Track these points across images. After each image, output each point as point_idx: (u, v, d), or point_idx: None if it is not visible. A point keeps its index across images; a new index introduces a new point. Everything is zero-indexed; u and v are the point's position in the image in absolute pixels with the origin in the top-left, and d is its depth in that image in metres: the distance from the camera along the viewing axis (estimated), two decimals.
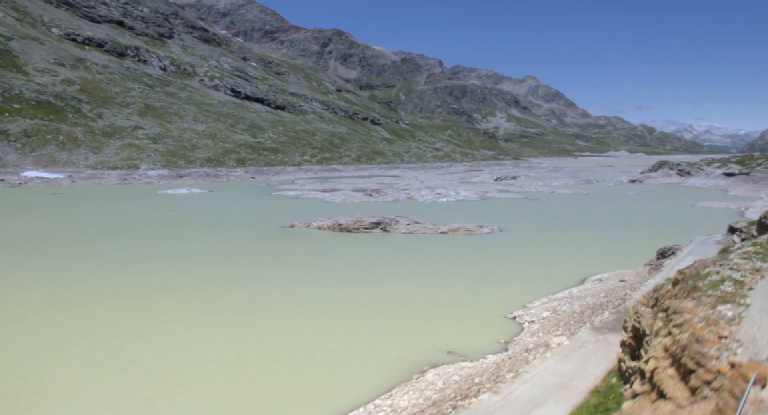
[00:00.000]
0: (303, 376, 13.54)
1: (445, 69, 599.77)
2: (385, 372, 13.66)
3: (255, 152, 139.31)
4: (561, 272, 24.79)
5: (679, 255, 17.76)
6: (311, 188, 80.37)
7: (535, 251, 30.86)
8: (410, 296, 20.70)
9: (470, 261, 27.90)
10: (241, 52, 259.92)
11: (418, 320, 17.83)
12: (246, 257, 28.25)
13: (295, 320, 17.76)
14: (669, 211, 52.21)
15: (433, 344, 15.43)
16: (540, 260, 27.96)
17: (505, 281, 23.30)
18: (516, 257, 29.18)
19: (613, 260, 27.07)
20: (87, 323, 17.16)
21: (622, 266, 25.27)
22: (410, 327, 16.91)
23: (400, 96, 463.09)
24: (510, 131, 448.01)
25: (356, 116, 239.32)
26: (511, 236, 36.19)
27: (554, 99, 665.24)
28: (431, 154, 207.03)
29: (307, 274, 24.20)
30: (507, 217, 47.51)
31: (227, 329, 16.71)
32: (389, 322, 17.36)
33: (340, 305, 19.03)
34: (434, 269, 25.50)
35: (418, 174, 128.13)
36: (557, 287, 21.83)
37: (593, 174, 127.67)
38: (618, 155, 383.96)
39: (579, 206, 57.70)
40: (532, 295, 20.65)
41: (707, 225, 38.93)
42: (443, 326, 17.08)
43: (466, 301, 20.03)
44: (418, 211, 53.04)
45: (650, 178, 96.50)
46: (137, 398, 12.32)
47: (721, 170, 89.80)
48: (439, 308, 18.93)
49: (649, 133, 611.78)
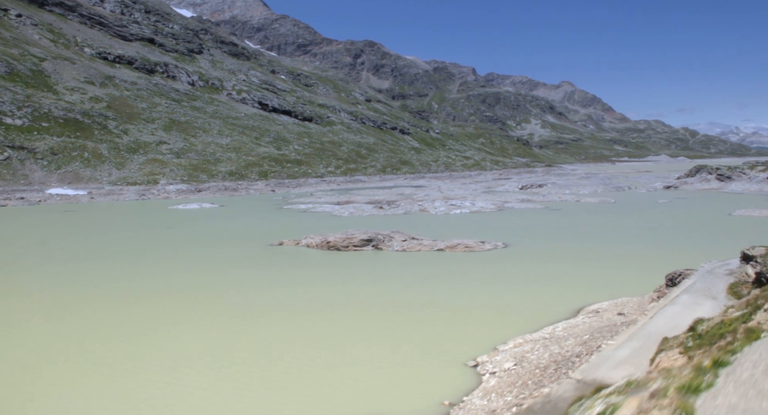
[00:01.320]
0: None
1: (478, 77, 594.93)
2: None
3: (278, 165, 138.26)
4: (555, 300, 21.17)
5: (673, 292, 14.01)
6: (326, 201, 77.91)
7: (535, 271, 27.19)
8: (364, 336, 17.52)
9: (454, 285, 24.47)
10: (270, 66, 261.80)
11: (357, 368, 14.62)
12: (210, 285, 25.49)
13: (217, 371, 14.83)
14: (701, 221, 47.38)
15: (360, 405, 12.21)
16: (536, 283, 24.34)
17: (484, 311, 19.87)
18: (510, 278, 25.62)
19: (623, 284, 23.33)
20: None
21: (632, 290, 21.53)
22: (344, 380, 13.72)
23: (433, 105, 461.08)
24: (545, 138, 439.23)
25: (385, 126, 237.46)
26: (513, 254, 32.54)
27: (591, 104, 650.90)
28: (461, 162, 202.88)
29: (254, 311, 21.27)
30: (518, 230, 43.75)
31: (158, 377, 13.88)
32: (323, 378, 14.17)
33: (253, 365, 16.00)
34: (406, 297, 22.18)
35: (443, 184, 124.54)
36: (543, 320, 18.27)
37: (627, 180, 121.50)
38: (658, 160, 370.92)
39: (601, 217, 53.30)
40: (509, 331, 17.18)
41: (741, 238, 34.40)
42: (382, 377, 13.81)
43: (427, 340, 16.69)
44: (427, 224, 49.83)
45: (687, 183, 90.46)
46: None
47: (766, 174, 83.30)
48: (390, 352, 15.64)
49: (691, 136, 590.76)
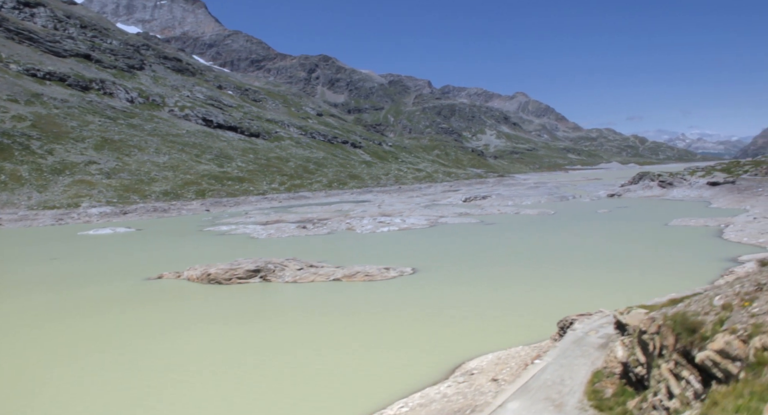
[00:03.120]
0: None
1: (434, 89, 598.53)
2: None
3: (218, 183, 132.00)
4: (431, 354, 17.02)
5: (498, 398, 9.77)
6: (254, 221, 72.86)
7: (429, 308, 22.98)
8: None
9: (321, 334, 19.95)
10: (217, 81, 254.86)
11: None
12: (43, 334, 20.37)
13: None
14: (635, 234, 44.43)
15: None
16: (421, 327, 20.12)
17: (330, 382, 15.34)
18: (393, 321, 21.28)
19: (521, 325, 19.25)
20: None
21: (529, 332, 17.45)
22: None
23: (389, 118, 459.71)
24: (500, 148, 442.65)
25: (336, 140, 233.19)
26: (416, 283, 28.35)
27: (545, 114, 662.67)
28: (412, 175, 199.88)
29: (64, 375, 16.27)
30: (436, 251, 39.85)
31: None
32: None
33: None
34: (236, 361, 17.54)
35: (388, 198, 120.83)
36: (399, 389, 13.87)
37: (575, 189, 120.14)
38: (609, 167, 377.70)
39: (533, 232, 49.96)
40: (342, 410, 12.68)
41: (671, 255, 31.17)
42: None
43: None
44: (347, 245, 45.60)
45: (630, 191, 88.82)
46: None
47: (705, 180, 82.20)
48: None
49: (641, 143, 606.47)
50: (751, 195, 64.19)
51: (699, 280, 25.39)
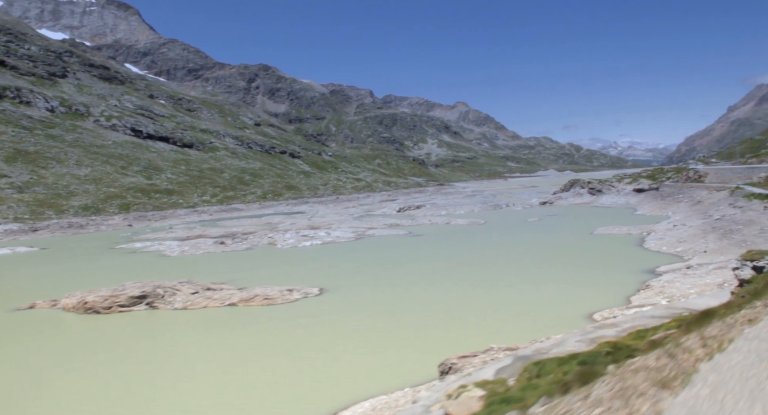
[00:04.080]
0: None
1: (376, 99, 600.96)
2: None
3: (145, 196, 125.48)
4: (297, 405, 14.32)
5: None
6: (174, 236, 68.49)
7: (317, 340, 20.47)
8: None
9: (155, 382, 17.05)
10: (149, 90, 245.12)
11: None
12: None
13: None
14: (559, 244, 43.51)
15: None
16: (298, 368, 17.47)
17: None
18: (270, 362, 18.60)
19: (416, 359, 17.06)
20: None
21: (421, 372, 15.24)
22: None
23: (331, 128, 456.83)
24: (441, 157, 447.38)
25: (274, 150, 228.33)
26: (318, 307, 25.80)
27: (485, 123, 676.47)
28: (351, 185, 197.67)
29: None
30: (352, 268, 37.49)
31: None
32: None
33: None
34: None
35: (323, 209, 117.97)
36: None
37: (510, 197, 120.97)
38: (546, 174, 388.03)
39: (459, 244, 48.42)
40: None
41: (592, 270, 29.94)
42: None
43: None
44: (263, 262, 42.71)
45: (561, 198, 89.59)
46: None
47: (632, 186, 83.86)
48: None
49: (576, 151, 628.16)
50: (672, 201, 65.28)
51: (616, 296, 24.06)
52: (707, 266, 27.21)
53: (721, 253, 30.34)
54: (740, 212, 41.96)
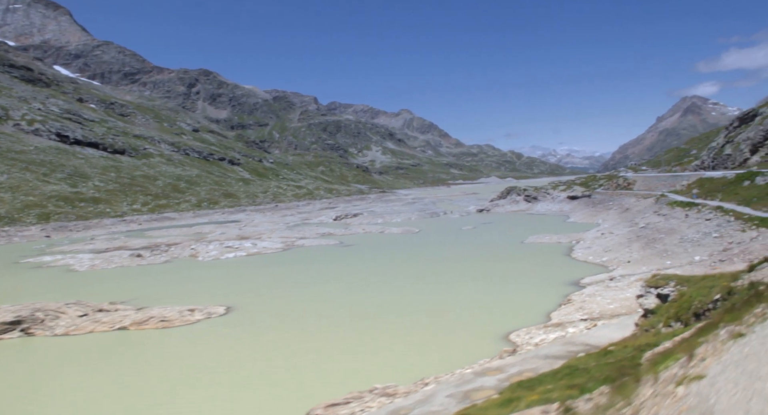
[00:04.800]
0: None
1: (320, 106, 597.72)
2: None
3: (69, 205, 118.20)
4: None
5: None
6: (92, 248, 63.98)
7: (204, 372, 18.13)
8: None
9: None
10: (77, 93, 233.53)
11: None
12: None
13: None
14: (489, 255, 42.67)
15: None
16: (169, 405, 15.14)
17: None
18: (146, 395, 16.17)
19: (303, 397, 15.07)
20: None
21: None
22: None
23: (274, 134, 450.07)
24: (386, 164, 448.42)
25: (212, 157, 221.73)
26: (221, 329, 23.55)
27: (429, 130, 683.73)
28: (292, 192, 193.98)
29: None
30: (272, 281, 35.30)
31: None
32: None
33: None
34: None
35: (260, 217, 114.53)
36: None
37: (449, 204, 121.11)
38: (488, 181, 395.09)
39: (388, 255, 46.91)
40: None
41: (517, 283, 28.88)
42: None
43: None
44: (177, 277, 39.82)
45: (498, 206, 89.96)
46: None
47: (566, 194, 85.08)
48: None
49: (517, 158, 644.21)
50: (603, 209, 66.18)
51: (538, 312, 22.93)
52: (629, 278, 26.62)
53: (643, 263, 29.97)
54: (664, 219, 42.31)
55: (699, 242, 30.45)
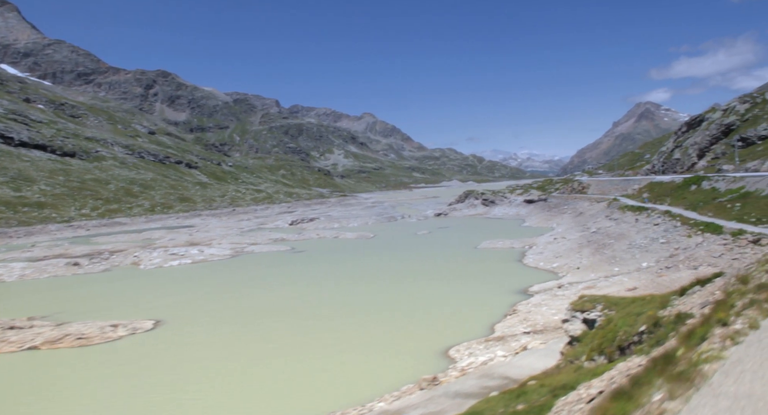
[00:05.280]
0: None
1: (282, 109, 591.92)
2: None
3: (10, 209, 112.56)
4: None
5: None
6: (28, 256, 60.73)
7: (118, 397, 16.44)
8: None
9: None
10: (24, 93, 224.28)
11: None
12: None
13: None
14: (441, 261, 41.87)
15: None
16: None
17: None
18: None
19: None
20: None
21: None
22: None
23: (235, 137, 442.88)
24: (348, 167, 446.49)
25: (168, 160, 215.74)
26: (143, 348, 21.85)
27: (392, 134, 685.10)
28: (251, 196, 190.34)
29: None
30: (210, 291, 33.49)
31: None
32: None
33: None
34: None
35: (216, 222, 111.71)
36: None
37: (409, 208, 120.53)
38: (450, 185, 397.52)
39: (339, 261, 45.61)
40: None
41: (464, 292, 27.98)
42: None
43: None
44: (111, 287, 37.73)
45: (456, 209, 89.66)
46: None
47: (523, 197, 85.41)
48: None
49: (479, 162, 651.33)
50: (558, 213, 66.41)
51: (482, 323, 22.01)
52: (577, 285, 26.03)
53: (592, 270, 29.52)
54: (615, 224, 42.26)
55: (647, 247, 30.19)
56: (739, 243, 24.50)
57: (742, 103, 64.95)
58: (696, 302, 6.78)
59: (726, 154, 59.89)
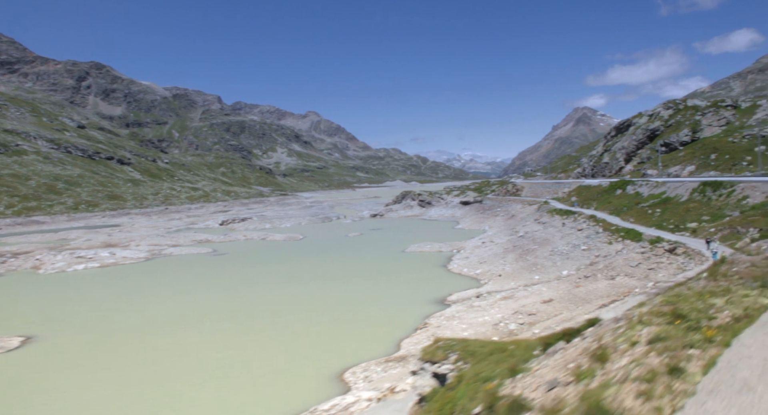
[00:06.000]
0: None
1: (224, 105, 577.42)
2: None
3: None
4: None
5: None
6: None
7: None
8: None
9: None
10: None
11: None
12: None
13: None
14: (365, 266, 40.23)
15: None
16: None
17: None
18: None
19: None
20: None
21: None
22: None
23: (174, 133, 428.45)
24: (291, 166, 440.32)
25: (98, 156, 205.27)
26: (9, 369, 18.88)
27: (336, 133, 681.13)
28: (187, 194, 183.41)
29: None
30: (106, 302, 30.52)
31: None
32: None
33: None
34: None
35: (145, 221, 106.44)
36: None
37: (347, 208, 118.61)
38: (394, 185, 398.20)
39: (257, 265, 43.23)
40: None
41: (379, 301, 26.36)
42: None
43: None
44: (3, 293, 33.74)
45: (392, 210, 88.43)
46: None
47: (459, 199, 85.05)
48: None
49: (423, 162, 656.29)
50: (491, 215, 66.12)
51: (389, 339, 20.41)
52: (495, 295, 24.91)
53: (513, 277, 28.54)
54: (543, 228, 41.82)
55: (568, 254, 29.52)
56: (656, 251, 23.99)
57: (666, 109, 66.70)
58: (545, 378, 5.39)
59: (651, 158, 61.19)
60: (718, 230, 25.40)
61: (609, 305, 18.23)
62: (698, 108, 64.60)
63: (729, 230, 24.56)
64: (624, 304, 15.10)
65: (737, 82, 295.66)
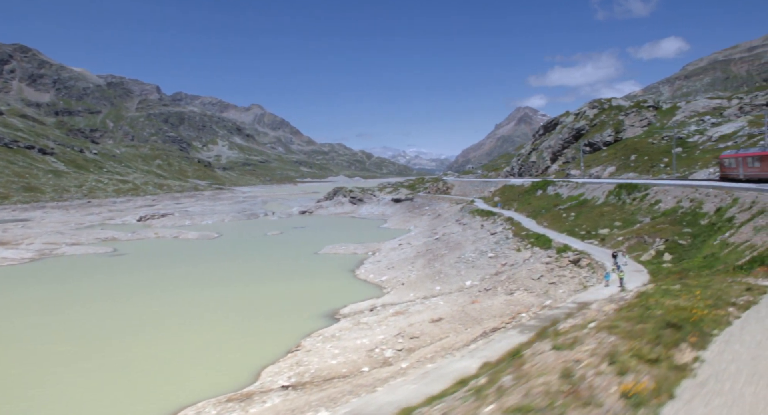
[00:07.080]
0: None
1: (163, 95, 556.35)
2: None
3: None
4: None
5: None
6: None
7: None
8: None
9: None
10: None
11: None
12: None
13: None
14: (270, 270, 37.28)
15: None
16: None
17: None
18: None
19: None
20: None
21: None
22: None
23: (108, 123, 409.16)
24: (232, 159, 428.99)
25: (16, 145, 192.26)
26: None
27: (280, 127, 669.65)
28: (114, 187, 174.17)
29: None
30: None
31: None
32: None
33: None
34: None
35: (59, 215, 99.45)
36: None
37: (279, 204, 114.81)
38: (337, 180, 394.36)
39: (153, 271, 39.45)
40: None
41: (268, 317, 23.58)
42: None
43: None
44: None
45: (323, 207, 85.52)
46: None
47: (391, 196, 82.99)
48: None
49: (368, 158, 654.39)
50: (419, 214, 64.31)
51: (250, 365, 17.62)
52: (389, 309, 22.61)
53: (414, 288, 26.36)
54: (461, 230, 40.08)
55: (474, 262, 27.63)
56: (561, 262, 22.33)
57: (592, 109, 66.77)
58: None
59: (576, 158, 60.98)
60: (626, 238, 24.04)
61: (498, 328, 16.24)
62: (622, 108, 64.90)
63: (636, 239, 23.20)
64: (491, 342, 12.93)
65: (666, 87, 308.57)
